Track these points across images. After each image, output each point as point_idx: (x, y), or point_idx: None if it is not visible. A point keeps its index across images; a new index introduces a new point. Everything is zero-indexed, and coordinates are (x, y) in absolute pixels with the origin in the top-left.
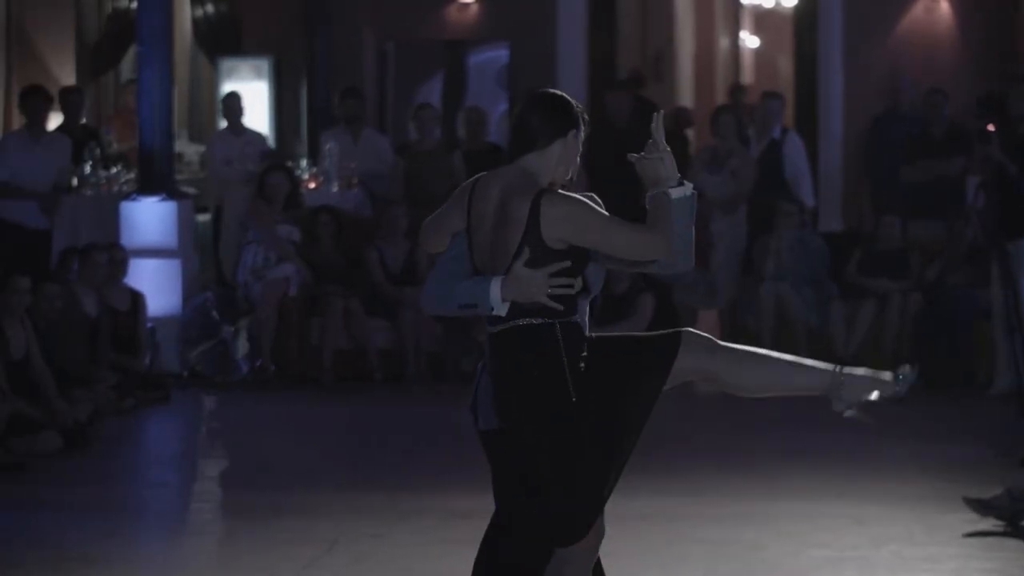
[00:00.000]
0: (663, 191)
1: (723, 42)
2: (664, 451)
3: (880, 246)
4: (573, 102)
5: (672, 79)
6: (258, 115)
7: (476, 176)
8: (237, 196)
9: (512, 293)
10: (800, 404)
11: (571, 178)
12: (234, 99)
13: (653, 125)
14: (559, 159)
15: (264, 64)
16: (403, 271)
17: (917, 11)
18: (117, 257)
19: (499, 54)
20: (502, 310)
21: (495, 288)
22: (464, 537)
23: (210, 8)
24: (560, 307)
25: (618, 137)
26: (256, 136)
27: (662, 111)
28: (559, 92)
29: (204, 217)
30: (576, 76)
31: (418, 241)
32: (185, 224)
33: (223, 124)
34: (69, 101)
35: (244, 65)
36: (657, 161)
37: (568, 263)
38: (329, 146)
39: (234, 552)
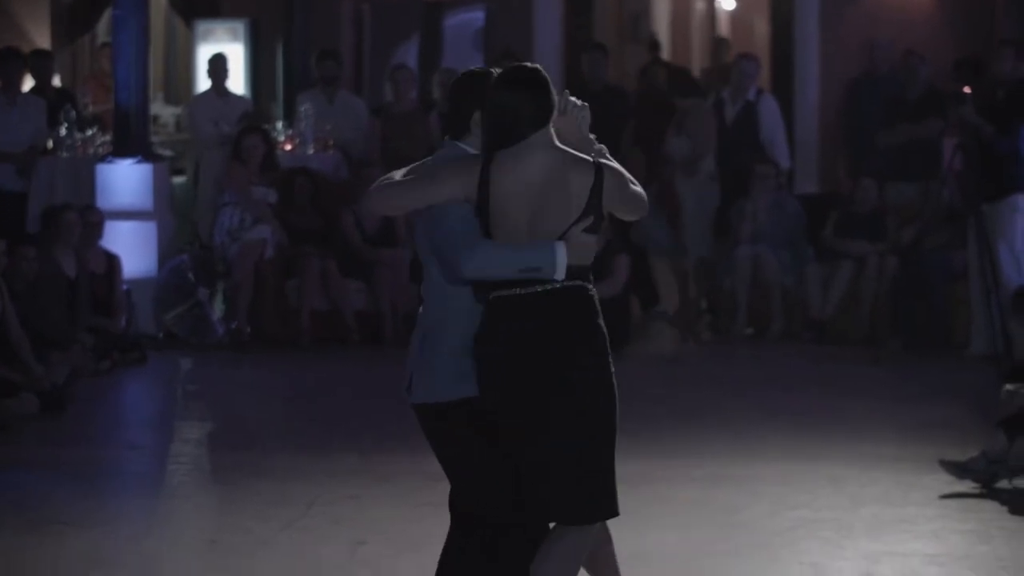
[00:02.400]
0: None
1: (699, 4)
2: (640, 412)
3: (856, 209)
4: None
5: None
6: (234, 78)
7: (484, 156)
8: (213, 158)
9: (571, 257)
10: (776, 366)
11: None
12: (220, 61)
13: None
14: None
15: (240, 26)
16: (379, 233)
17: None
18: (93, 219)
19: (475, 16)
20: (562, 274)
21: (561, 252)
22: (440, 499)
23: None
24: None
25: (594, 98)
26: (240, 99)
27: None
28: (533, 65)
29: (180, 179)
30: (552, 38)
31: (369, 200)
32: (161, 186)
33: (203, 86)
34: (39, 64)
35: (220, 27)
36: (581, 120)
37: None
38: (305, 108)
39: (211, 514)
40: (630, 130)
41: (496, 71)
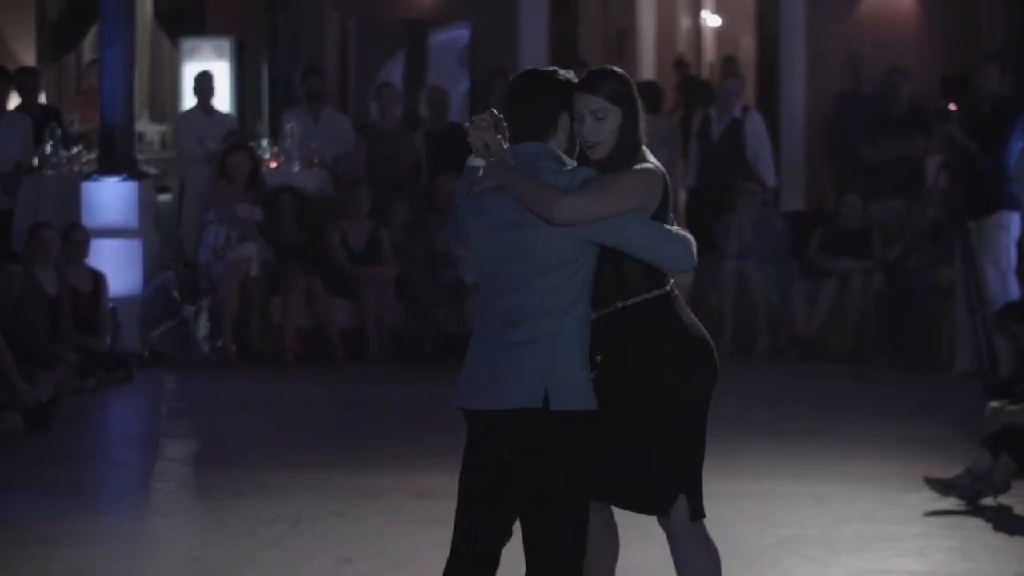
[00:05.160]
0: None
1: (684, 21)
2: None
3: (841, 225)
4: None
5: (633, 57)
6: (220, 95)
7: (656, 166)
8: (198, 175)
9: None
10: (761, 382)
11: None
12: (206, 79)
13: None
14: None
15: (225, 44)
16: (365, 250)
17: None
18: (78, 237)
19: (460, 33)
20: None
21: None
22: (426, 516)
23: None
24: None
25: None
26: (225, 117)
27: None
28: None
29: (165, 197)
30: (537, 55)
31: (560, 212)
32: (146, 204)
33: (188, 104)
34: (24, 82)
35: (206, 45)
36: (486, 130)
37: None
38: (290, 126)
39: (196, 531)
40: None
41: (565, 73)
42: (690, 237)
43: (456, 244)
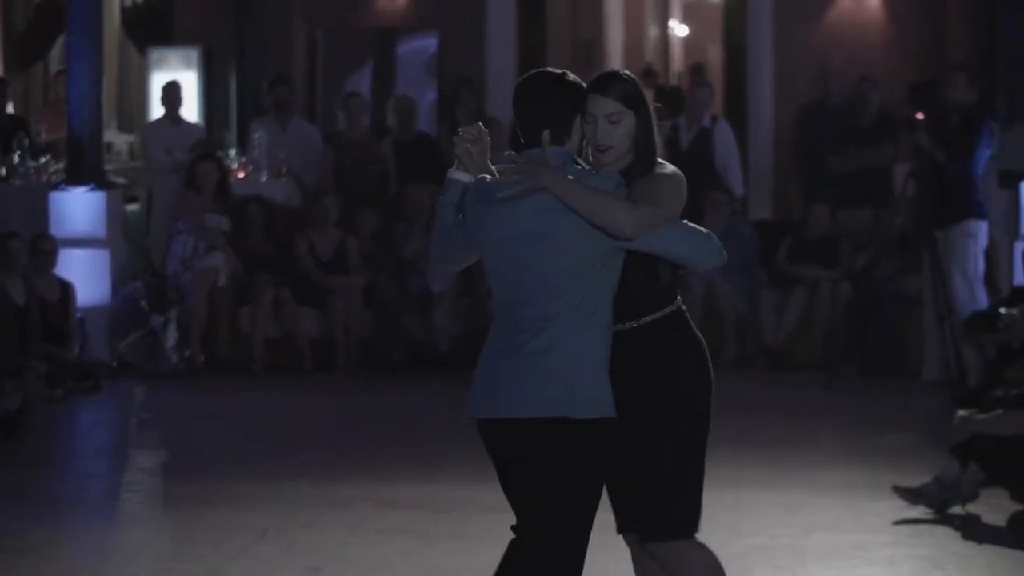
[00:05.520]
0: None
1: (652, 31)
2: None
3: (810, 234)
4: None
5: (602, 67)
6: (188, 105)
7: (677, 170)
8: (166, 185)
9: None
10: (730, 392)
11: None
12: (174, 89)
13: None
14: None
15: (193, 54)
16: (333, 260)
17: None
18: (46, 247)
19: (428, 43)
20: None
21: None
22: (394, 526)
23: None
24: None
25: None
26: (193, 127)
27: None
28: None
29: (133, 207)
30: (505, 65)
31: (628, 226)
32: (114, 214)
33: (156, 113)
34: None
35: (173, 55)
36: (473, 143)
37: None
38: (258, 135)
39: (164, 542)
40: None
41: (567, 74)
42: (712, 234)
43: (438, 258)
